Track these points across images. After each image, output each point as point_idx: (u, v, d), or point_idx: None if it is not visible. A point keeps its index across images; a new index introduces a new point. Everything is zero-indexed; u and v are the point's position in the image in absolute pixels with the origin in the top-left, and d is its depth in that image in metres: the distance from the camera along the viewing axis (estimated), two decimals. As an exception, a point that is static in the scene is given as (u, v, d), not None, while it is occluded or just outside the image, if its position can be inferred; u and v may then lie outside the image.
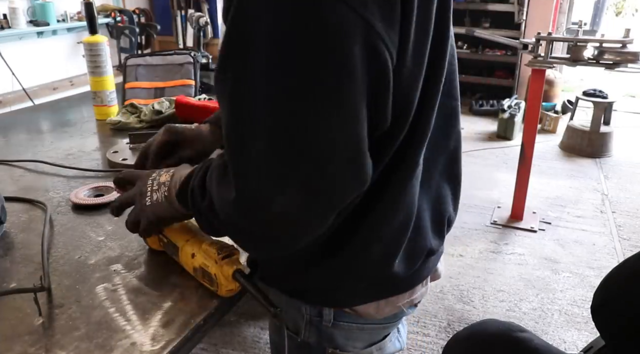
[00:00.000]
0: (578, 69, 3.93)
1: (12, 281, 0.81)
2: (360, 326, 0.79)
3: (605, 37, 2.85)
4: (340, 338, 0.79)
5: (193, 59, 1.83)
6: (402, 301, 0.78)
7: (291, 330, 0.81)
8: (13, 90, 3.12)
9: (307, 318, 0.78)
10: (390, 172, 0.65)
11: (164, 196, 0.75)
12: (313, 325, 0.78)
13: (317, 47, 0.49)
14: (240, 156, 0.54)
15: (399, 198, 0.67)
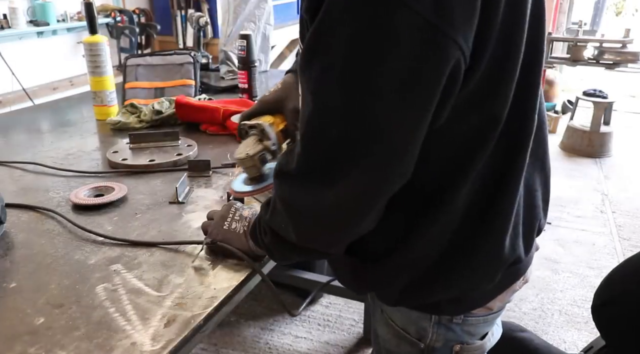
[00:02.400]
0: (578, 69, 3.92)
1: (12, 281, 0.81)
2: (485, 318, 0.81)
3: (605, 37, 2.85)
4: (466, 334, 0.80)
5: (193, 59, 1.83)
6: (520, 283, 0.82)
7: (413, 336, 0.80)
8: (13, 90, 3.12)
9: (435, 318, 0.77)
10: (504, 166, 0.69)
11: (244, 228, 0.86)
12: (442, 325, 0.78)
13: (390, 53, 0.54)
14: (316, 140, 0.62)
15: (515, 187, 0.71)
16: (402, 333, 0.80)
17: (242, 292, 0.83)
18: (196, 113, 1.54)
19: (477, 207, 0.69)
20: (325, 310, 2.22)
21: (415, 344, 0.80)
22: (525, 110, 0.69)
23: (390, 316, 0.81)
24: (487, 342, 0.85)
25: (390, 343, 0.83)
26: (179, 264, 0.86)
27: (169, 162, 1.27)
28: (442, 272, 0.72)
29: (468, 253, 0.71)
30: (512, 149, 0.69)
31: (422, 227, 0.69)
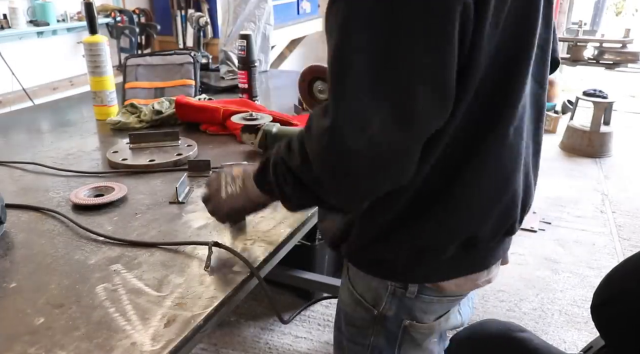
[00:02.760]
0: (578, 69, 3.92)
1: (12, 281, 0.81)
2: (439, 299, 0.83)
3: (605, 37, 2.85)
4: (419, 310, 0.83)
5: (193, 59, 1.83)
6: (482, 279, 0.83)
7: (369, 303, 0.84)
8: (13, 90, 3.12)
9: (391, 289, 0.81)
10: (477, 137, 0.70)
11: (239, 187, 0.85)
12: (396, 297, 0.82)
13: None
14: (343, 82, 0.61)
15: (488, 165, 0.72)
16: (360, 299, 0.85)
17: (242, 292, 0.83)
18: (196, 113, 1.54)
19: (439, 171, 0.71)
20: (325, 310, 2.22)
21: (369, 310, 0.84)
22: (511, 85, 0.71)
23: (353, 282, 0.86)
24: (438, 325, 0.86)
25: (349, 307, 0.88)
26: (179, 264, 0.87)
27: (169, 162, 1.27)
28: (398, 223, 0.74)
29: (422, 211, 0.73)
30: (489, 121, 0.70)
31: None
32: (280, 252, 0.95)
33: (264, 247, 0.92)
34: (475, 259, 0.81)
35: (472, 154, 0.71)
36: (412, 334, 0.85)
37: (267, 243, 0.94)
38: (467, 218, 0.75)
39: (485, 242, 0.79)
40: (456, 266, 0.80)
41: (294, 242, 1.02)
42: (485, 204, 0.75)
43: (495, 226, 0.78)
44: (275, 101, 1.97)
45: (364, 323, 0.86)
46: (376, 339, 0.86)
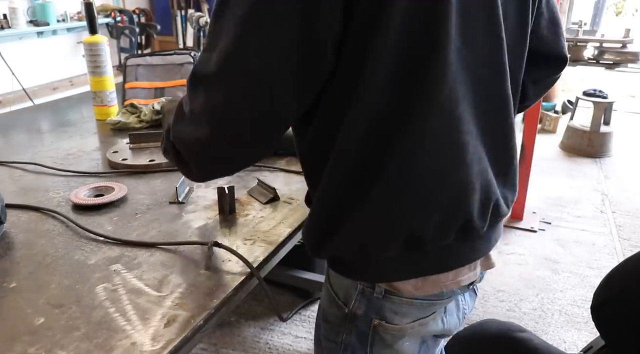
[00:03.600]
0: (578, 69, 3.93)
1: (12, 281, 0.81)
2: (409, 301, 0.81)
3: (605, 37, 2.85)
4: (388, 310, 0.82)
5: (193, 59, 1.83)
6: (445, 280, 0.79)
7: (341, 300, 0.84)
8: (13, 90, 3.12)
9: (359, 288, 0.81)
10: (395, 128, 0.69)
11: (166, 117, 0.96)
12: (364, 296, 0.81)
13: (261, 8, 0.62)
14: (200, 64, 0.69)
15: (416, 159, 0.70)
16: (333, 296, 0.86)
17: (242, 292, 0.83)
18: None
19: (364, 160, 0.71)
20: (325, 310, 2.22)
21: (341, 308, 0.85)
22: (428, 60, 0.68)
23: (330, 280, 0.87)
24: (412, 329, 0.84)
25: (325, 304, 0.89)
26: (179, 264, 0.87)
27: (169, 162, 1.27)
28: (338, 219, 0.75)
29: (356, 204, 0.73)
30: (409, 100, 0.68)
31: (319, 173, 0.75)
32: (280, 253, 0.95)
33: (264, 247, 0.92)
34: (430, 259, 0.78)
35: (394, 146, 0.69)
36: (381, 334, 0.83)
37: (267, 243, 0.94)
38: (400, 211, 0.72)
39: (434, 241, 0.75)
40: (408, 266, 0.77)
41: (294, 242, 1.02)
42: (418, 196, 0.72)
43: (441, 222, 0.74)
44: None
45: (336, 320, 0.86)
46: (348, 337, 0.86)
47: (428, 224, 0.73)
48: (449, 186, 0.73)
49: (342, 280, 0.83)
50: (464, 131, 0.72)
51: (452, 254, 0.79)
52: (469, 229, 0.77)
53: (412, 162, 0.70)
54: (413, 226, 0.73)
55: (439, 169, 0.72)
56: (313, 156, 0.78)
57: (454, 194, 0.73)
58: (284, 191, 1.15)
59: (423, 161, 0.70)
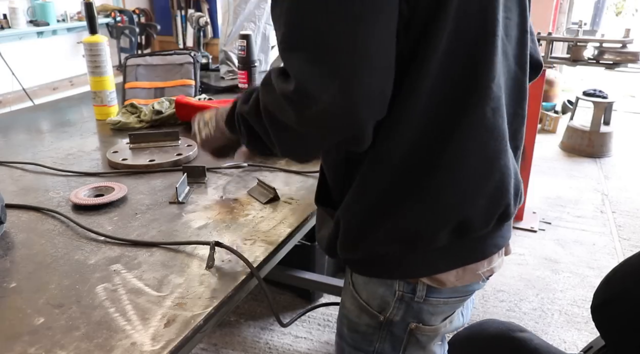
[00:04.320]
0: (578, 69, 3.93)
1: (12, 281, 0.81)
2: (445, 300, 0.82)
3: (605, 37, 2.85)
4: (426, 313, 0.82)
5: (193, 59, 1.83)
6: (482, 269, 0.81)
7: (375, 309, 0.83)
8: (13, 90, 3.12)
9: (398, 294, 0.80)
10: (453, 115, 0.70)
11: (213, 128, 0.96)
12: (403, 302, 0.81)
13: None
14: (292, 59, 0.65)
15: (470, 144, 0.71)
16: (364, 305, 0.84)
17: (242, 292, 0.83)
18: (196, 113, 1.53)
19: (418, 152, 0.71)
20: (325, 310, 2.22)
21: (375, 317, 0.84)
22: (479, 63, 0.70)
23: (357, 289, 0.85)
24: (443, 328, 0.86)
25: (352, 313, 0.87)
26: (179, 264, 0.87)
27: (169, 162, 1.27)
28: (383, 215, 0.74)
29: (406, 199, 0.73)
30: (462, 98, 0.70)
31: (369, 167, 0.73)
32: (280, 252, 0.95)
33: (264, 247, 0.92)
34: (472, 247, 0.79)
35: (451, 133, 0.70)
36: (417, 336, 0.84)
37: (267, 243, 0.94)
38: (454, 198, 0.73)
39: (479, 228, 0.77)
40: (452, 255, 0.78)
41: (294, 242, 1.02)
42: (472, 182, 0.73)
43: (487, 209, 0.76)
44: (275, 101, 1.97)
45: (368, 329, 0.85)
46: (381, 345, 0.85)
47: (477, 211, 0.75)
48: (496, 172, 0.75)
49: (375, 288, 0.82)
50: (505, 119, 0.75)
51: (488, 242, 0.81)
52: (506, 216, 0.79)
53: (467, 150, 0.71)
54: (463, 214, 0.74)
55: (489, 155, 0.73)
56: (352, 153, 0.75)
57: (499, 181, 0.75)
58: (284, 191, 1.15)
59: (477, 147, 0.72)
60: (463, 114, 0.70)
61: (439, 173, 0.72)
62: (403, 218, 0.74)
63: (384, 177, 0.73)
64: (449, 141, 0.71)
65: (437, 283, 0.79)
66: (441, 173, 0.72)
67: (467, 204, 0.74)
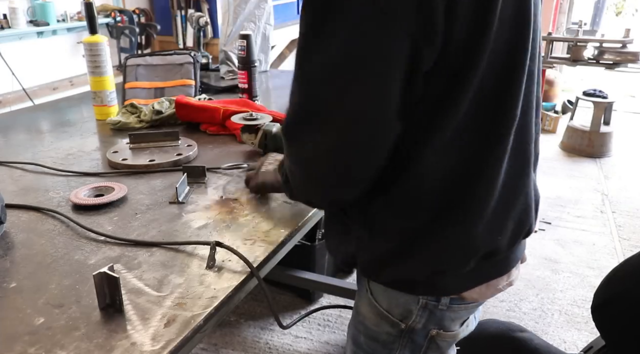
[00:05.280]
0: (578, 69, 3.92)
1: (12, 281, 0.81)
2: (466, 306, 0.83)
3: (605, 37, 2.85)
4: (448, 319, 0.83)
5: (193, 59, 1.83)
6: (502, 283, 0.83)
7: (396, 318, 0.83)
8: (13, 90, 3.11)
9: (422, 302, 0.81)
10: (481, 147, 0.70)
11: (275, 167, 1.02)
12: (427, 309, 0.81)
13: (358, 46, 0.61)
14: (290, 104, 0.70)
15: (496, 172, 0.72)
16: (385, 314, 0.83)
17: (242, 292, 0.83)
18: (196, 113, 1.54)
19: (450, 185, 0.71)
20: (326, 310, 2.22)
21: (396, 325, 0.83)
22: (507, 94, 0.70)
23: (376, 297, 0.84)
24: (462, 332, 0.88)
25: (370, 321, 0.87)
26: (179, 264, 0.87)
27: (169, 162, 1.27)
28: (413, 245, 0.74)
29: (437, 230, 0.73)
30: (491, 130, 0.70)
31: (393, 198, 0.73)
32: (280, 252, 0.95)
33: (264, 247, 0.92)
34: (496, 266, 0.80)
35: (479, 165, 0.71)
36: (438, 342, 0.85)
37: (267, 243, 0.94)
38: (485, 228, 0.73)
39: (506, 250, 0.78)
40: (477, 276, 0.79)
41: (294, 242, 1.01)
42: (500, 212, 0.74)
43: (514, 232, 0.78)
44: (275, 101, 1.97)
45: (389, 338, 0.85)
46: (401, 352, 0.86)
47: (505, 236, 0.76)
48: (521, 196, 0.76)
49: (396, 296, 0.82)
50: (528, 141, 0.76)
51: (510, 258, 0.82)
52: (528, 233, 0.81)
53: (494, 180, 0.72)
54: (494, 243, 0.75)
55: (514, 183, 0.75)
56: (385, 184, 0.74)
57: (524, 203, 0.77)
58: (284, 191, 1.15)
59: (503, 177, 0.72)
60: (491, 147, 0.71)
61: (471, 205, 0.72)
62: (434, 250, 0.74)
63: (418, 209, 0.73)
64: (480, 173, 0.71)
65: (460, 298, 0.81)
66: (472, 205, 0.72)
67: (495, 233, 0.75)
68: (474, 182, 0.71)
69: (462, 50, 0.64)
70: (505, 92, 0.70)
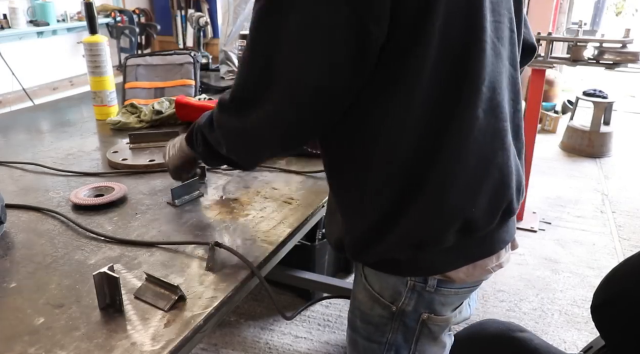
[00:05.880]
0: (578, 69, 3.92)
1: (12, 281, 0.81)
2: (456, 291, 0.84)
3: (605, 37, 2.85)
4: (438, 303, 0.84)
5: (193, 59, 1.83)
6: (491, 264, 0.83)
7: (387, 300, 0.84)
8: (13, 90, 3.12)
9: (410, 284, 0.82)
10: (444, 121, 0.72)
11: (176, 148, 1.05)
12: (415, 291, 0.82)
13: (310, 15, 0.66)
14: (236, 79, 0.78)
15: (464, 145, 0.73)
16: (377, 296, 0.85)
17: (242, 292, 0.83)
18: (196, 113, 1.53)
19: (413, 156, 0.73)
20: (325, 310, 2.22)
21: (387, 307, 0.85)
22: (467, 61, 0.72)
23: (369, 281, 0.86)
24: (454, 318, 0.88)
25: (365, 305, 0.88)
26: (179, 264, 0.87)
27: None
28: (386, 220, 0.76)
29: (407, 202, 0.74)
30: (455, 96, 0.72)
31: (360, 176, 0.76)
32: (280, 252, 0.95)
33: (264, 247, 0.92)
34: (479, 245, 0.81)
35: (444, 136, 0.72)
36: (429, 326, 0.86)
37: (267, 243, 0.94)
38: (455, 199, 0.74)
39: (484, 226, 0.78)
40: (461, 254, 0.80)
41: (294, 242, 1.02)
42: (471, 182, 0.74)
43: (489, 207, 0.77)
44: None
45: (381, 320, 0.87)
46: (394, 336, 0.87)
47: (479, 209, 0.76)
48: (495, 170, 0.76)
49: (386, 278, 0.83)
50: (503, 118, 0.76)
51: (495, 238, 0.83)
52: (509, 212, 0.81)
53: (461, 151, 0.73)
54: (466, 214, 0.75)
55: (485, 155, 0.75)
56: (351, 162, 0.78)
57: (498, 178, 0.77)
58: (284, 191, 1.15)
59: (471, 148, 0.73)
60: (454, 118, 0.72)
61: (438, 176, 0.73)
62: (408, 224, 0.75)
63: (386, 185, 0.74)
64: (443, 144, 0.72)
65: (447, 279, 0.81)
66: (439, 176, 0.73)
67: (468, 203, 0.75)
68: (437, 153, 0.72)
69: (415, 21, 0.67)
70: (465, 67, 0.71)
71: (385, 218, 0.76)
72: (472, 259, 0.81)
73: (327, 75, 0.69)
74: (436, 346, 0.89)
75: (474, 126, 0.73)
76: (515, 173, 0.79)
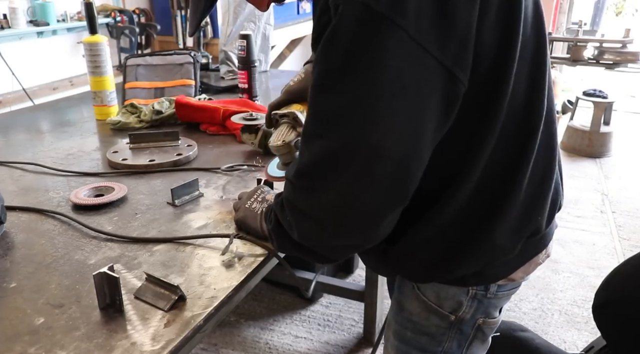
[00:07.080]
0: (578, 69, 3.92)
1: (12, 281, 0.81)
2: (509, 292, 0.86)
3: (605, 37, 2.85)
4: (493, 307, 0.85)
5: (193, 59, 1.83)
6: (542, 257, 0.85)
7: (446, 310, 0.84)
8: (13, 90, 3.11)
9: (472, 293, 0.82)
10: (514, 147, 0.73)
11: (262, 209, 0.91)
12: (476, 299, 0.83)
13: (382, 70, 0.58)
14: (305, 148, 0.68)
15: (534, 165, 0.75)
16: (434, 307, 0.84)
17: (242, 292, 0.83)
18: (196, 113, 1.54)
19: (490, 187, 0.73)
20: (325, 310, 2.22)
21: (445, 317, 0.84)
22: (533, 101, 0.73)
23: (424, 292, 0.85)
24: (500, 318, 0.90)
25: (419, 316, 0.88)
26: (179, 264, 0.86)
27: (169, 162, 1.27)
28: (462, 249, 0.75)
29: (485, 230, 0.74)
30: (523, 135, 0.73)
31: (435, 209, 0.73)
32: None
33: (264, 248, 0.92)
34: (537, 243, 0.83)
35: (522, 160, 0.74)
36: (484, 330, 0.87)
37: (268, 243, 0.94)
38: (528, 218, 0.77)
39: (545, 228, 0.82)
40: (522, 256, 0.82)
41: (294, 242, 1.01)
42: (540, 198, 0.78)
43: (550, 213, 0.82)
44: (275, 100, 1.97)
45: (439, 331, 0.86)
46: (449, 344, 0.87)
47: (543, 218, 0.79)
48: (551, 182, 0.80)
49: (446, 289, 0.83)
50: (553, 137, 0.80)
51: (548, 233, 0.85)
52: (559, 209, 0.87)
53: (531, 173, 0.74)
54: (536, 225, 0.78)
55: (544, 170, 0.78)
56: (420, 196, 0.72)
57: (554, 188, 0.81)
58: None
59: (538, 168, 0.75)
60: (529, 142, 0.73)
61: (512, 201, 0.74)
62: (482, 250, 0.76)
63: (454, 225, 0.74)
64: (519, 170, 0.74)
65: (508, 280, 0.83)
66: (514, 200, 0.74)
67: (536, 217, 0.78)
68: (509, 178, 0.74)
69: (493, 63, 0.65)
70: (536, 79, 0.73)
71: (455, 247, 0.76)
72: (530, 257, 0.83)
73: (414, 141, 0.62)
74: (483, 346, 0.91)
75: (539, 146, 0.75)
76: (560, 176, 0.85)
